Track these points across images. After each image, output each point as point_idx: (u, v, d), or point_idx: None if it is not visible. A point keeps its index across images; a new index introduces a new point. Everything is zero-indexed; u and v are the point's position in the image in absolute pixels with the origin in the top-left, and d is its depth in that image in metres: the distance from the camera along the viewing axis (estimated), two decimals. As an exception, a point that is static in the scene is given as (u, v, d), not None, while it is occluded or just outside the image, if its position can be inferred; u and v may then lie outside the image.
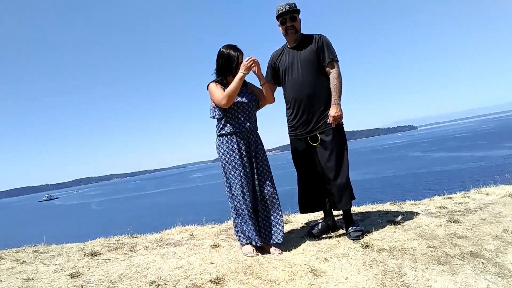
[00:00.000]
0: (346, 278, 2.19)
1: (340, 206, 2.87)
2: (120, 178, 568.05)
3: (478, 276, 2.11)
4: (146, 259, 2.73)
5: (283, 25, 2.91)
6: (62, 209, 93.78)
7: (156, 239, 3.35)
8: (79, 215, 66.90)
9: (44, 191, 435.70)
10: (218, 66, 2.79)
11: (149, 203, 66.96)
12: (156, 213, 46.69)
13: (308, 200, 3.04)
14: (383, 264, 2.33)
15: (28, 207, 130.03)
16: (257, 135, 2.89)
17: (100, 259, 2.78)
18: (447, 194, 4.26)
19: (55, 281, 2.35)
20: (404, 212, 3.38)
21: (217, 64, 2.79)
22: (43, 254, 3.00)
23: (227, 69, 2.74)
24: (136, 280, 2.31)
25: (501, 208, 3.30)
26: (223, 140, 2.76)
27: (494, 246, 2.47)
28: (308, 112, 2.88)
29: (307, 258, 2.54)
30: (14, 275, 2.50)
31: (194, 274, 2.37)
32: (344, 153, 2.88)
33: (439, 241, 2.60)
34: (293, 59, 2.92)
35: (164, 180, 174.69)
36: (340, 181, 2.83)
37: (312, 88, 2.85)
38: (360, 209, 3.85)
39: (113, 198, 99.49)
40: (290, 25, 2.88)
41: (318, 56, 2.86)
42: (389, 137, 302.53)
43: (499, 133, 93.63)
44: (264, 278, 2.26)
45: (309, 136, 2.91)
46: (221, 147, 2.77)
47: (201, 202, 50.27)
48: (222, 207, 35.41)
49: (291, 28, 2.89)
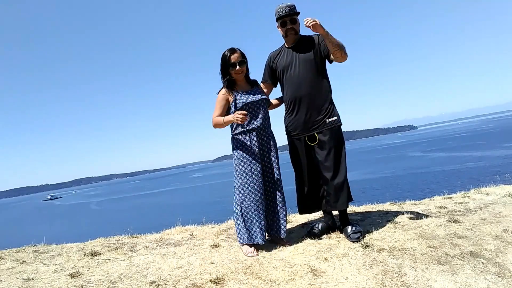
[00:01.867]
0: (346, 278, 2.19)
1: (337, 206, 2.87)
2: (120, 178, 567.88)
3: (478, 276, 2.11)
4: (146, 259, 2.73)
5: (283, 27, 2.91)
6: (62, 209, 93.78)
7: (156, 239, 3.35)
8: (79, 215, 66.90)
9: (44, 191, 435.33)
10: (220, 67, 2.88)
11: (149, 203, 66.96)
12: (156, 213, 46.69)
13: (307, 200, 3.04)
14: (383, 264, 2.33)
15: (31, 207, 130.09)
16: (271, 132, 2.95)
17: (100, 259, 2.78)
18: (447, 194, 4.26)
19: (55, 281, 2.35)
20: (404, 212, 3.38)
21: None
22: (43, 254, 3.00)
23: (224, 70, 2.83)
24: (136, 280, 2.31)
25: (501, 208, 3.31)
26: (237, 138, 2.85)
27: (494, 246, 2.47)
28: (306, 111, 2.87)
29: (307, 258, 2.54)
30: (14, 275, 2.50)
31: (194, 274, 2.37)
32: (342, 153, 2.87)
33: (439, 241, 2.60)
34: (292, 58, 2.92)
35: (164, 180, 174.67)
36: (337, 181, 2.82)
37: (311, 87, 2.85)
38: (360, 209, 3.85)
39: (113, 198, 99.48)
40: (290, 28, 2.88)
41: (319, 52, 2.86)
42: (390, 137, 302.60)
43: (499, 133, 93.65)
44: (264, 278, 2.26)
45: (307, 135, 2.92)
46: (235, 144, 2.86)
47: (201, 202, 50.28)
48: (222, 207, 35.39)
49: (291, 31, 2.89)
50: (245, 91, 2.84)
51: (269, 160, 2.90)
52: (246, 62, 2.83)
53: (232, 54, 2.77)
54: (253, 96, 2.82)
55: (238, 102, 2.77)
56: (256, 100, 2.81)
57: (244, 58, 2.82)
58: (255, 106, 2.82)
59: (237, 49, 2.80)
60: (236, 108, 2.78)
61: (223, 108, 2.83)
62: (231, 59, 2.76)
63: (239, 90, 2.84)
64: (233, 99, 2.80)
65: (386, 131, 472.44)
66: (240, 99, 2.78)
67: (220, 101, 2.83)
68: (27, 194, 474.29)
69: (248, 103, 2.78)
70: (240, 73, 2.81)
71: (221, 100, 2.82)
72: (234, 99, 2.79)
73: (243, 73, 2.83)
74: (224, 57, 2.78)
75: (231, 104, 2.82)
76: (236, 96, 2.80)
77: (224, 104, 2.83)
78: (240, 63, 2.77)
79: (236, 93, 2.81)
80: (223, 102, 2.83)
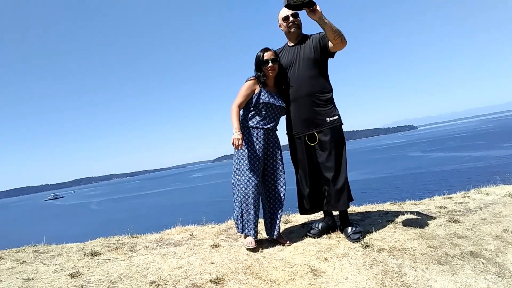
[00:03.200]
0: (346, 278, 2.19)
1: (338, 206, 2.87)
2: (120, 178, 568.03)
3: (478, 276, 2.11)
4: (146, 259, 2.73)
5: (286, 21, 2.90)
6: (62, 209, 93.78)
7: (156, 239, 3.35)
8: (79, 215, 66.90)
9: (44, 191, 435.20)
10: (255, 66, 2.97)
11: (149, 203, 66.97)
12: (156, 213, 46.70)
13: (307, 201, 3.03)
14: (383, 264, 2.33)
15: (34, 206, 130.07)
16: (275, 135, 3.05)
17: (100, 259, 2.78)
18: (447, 194, 4.27)
19: (55, 281, 2.35)
20: (404, 212, 3.38)
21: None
22: (43, 254, 3.00)
23: (258, 67, 2.91)
24: (136, 280, 2.31)
25: (501, 208, 3.31)
26: (248, 130, 2.91)
27: (494, 246, 2.48)
28: (306, 110, 2.88)
29: (307, 258, 2.54)
30: (14, 275, 2.50)
31: (194, 274, 2.37)
32: (343, 154, 2.87)
33: (439, 241, 2.60)
34: (294, 57, 2.92)
35: (164, 180, 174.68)
36: (338, 181, 2.82)
37: (312, 86, 2.86)
38: (360, 209, 3.85)
39: (113, 198, 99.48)
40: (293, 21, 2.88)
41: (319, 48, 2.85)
42: (390, 136, 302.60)
43: (499, 133, 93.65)
44: (264, 278, 2.26)
45: (307, 134, 2.92)
46: (245, 136, 2.90)
47: (201, 202, 50.28)
48: (222, 207, 35.33)
49: (293, 24, 2.89)
50: (271, 92, 2.93)
51: (272, 161, 2.97)
52: (278, 61, 2.93)
53: (265, 52, 2.89)
54: (276, 100, 2.92)
55: (261, 98, 2.87)
56: (277, 105, 2.92)
57: (276, 56, 2.92)
58: (274, 109, 2.94)
59: (270, 49, 2.93)
60: (257, 102, 2.88)
61: (246, 96, 2.89)
62: (265, 56, 2.87)
63: (267, 89, 2.93)
64: (258, 93, 2.89)
65: (386, 131, 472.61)
66: (264, 96, 2.88)
67: (247, 89, 2.89)
68: (27, 194, 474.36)
69: (269, 103, 2.88)
70: (272, 71, 2.89)
71: (248, 88, 2.89)
72: (259, 92, 2.89)
73: (275, 71, 2.91)
74: (258, 57, 2.89)
75: (254, 95, 2.90)
76: (261, 91, 2.89)
77: (249, 93, 2.89)
78: (273, 60, 2.87)
79: (263, 89, 2.90)
80: (249, 91, 2.89)
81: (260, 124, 2.90)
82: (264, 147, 2.92)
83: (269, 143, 2.96)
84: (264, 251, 2.76)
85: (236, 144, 2.76)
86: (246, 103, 2.92)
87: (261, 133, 2.90)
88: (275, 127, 3.01)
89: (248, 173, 2.83)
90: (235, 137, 2.76)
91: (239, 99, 2.87)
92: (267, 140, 2.94)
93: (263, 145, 2.90)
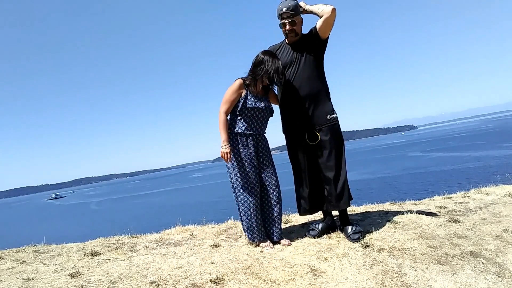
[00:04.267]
0: (346, 278, 2.19)
1: (339, 206, 2.87)
2: (120, 178, 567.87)
3: (478, 276, 2.11)
4: (146, 259, 2.73)
5: (284, 28, 2.89)
6: (62, 209, 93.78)
7: (156, 239, 3.35)
8: (79, 215, 66.89)
9: (44, 191, 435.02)
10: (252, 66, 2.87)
11: (149, 203, 66.92)
12: (156, 213, 46.68)
13: (307, 201, 3.02)
14: (383, 264, 2.33)
15: (34, 206, 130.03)
16: (265, 138, 3.01)
17: (100, 259, 2.78)
18: (447, 194, 4.27)
19: (55, 281, 2.35)
20: (404, 212, 3.38)
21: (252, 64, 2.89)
22: (43, 254, 3.00)
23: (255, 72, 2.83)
24: (136, 280, 2.31)
25: (501, 208, 3.31)
26: (235, 136, 2.86)
27: (494, 246, 2.48)
28: (306, 110, 2.88)
29: (307, 258, 2.54)
30: (14, 275, 2.50)
31: (194, 274, 2.37)
32: (342, 153, 2.88)
33: (439, 241, 2.60)
34: (292, 56, 2.91)
35: (164, 180, 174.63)
36: (339, 181, 2.83)
37: (312, 86, 2.86)
38: (360, 209, 3.85)
39: (113, 198, 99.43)
40: (290, 29, 2.85)
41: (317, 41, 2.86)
42: (390, 136, 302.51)
43: (499, 133, 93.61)
44: (264, 278, 2.26)
45: (307, 133, 2.92)
46: (232, 143, 2.85)
47: (201, 202, 50.26)
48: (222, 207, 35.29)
49: (291, 32, 2.87)
50: (258, 96, 2.89)
51: (264, 165, 2.95)
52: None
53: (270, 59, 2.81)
54: (262, 104, 2.88)
55: (247, 103, 2.82)
56: (263, 108, 2.88)
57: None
58: (261, 113, 2.90)
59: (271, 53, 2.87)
60: (244, 107, 2.83)
61: (233, 102, 2.83)
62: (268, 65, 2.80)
63: (253, 92, 2.87)
64: (244, 96, 2.84)
65: (386, 131, 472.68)
66: (250, 101, 2.83)
67: (232, 94, 2.81)
68: (27, 194, 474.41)
69: (255, 107, 2.84)
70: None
71: (235, 91, 2.82)
72: (245, 96, 2.84)
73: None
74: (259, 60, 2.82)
75: (240, 98, 2.85)
76: (247, 95, 2.84)
77: (235, 97, 2.83)
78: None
79: (249, 93, 2.85)
80: (235, 95, 2.82)
81: (248, 130, 2.86)
82: (255, 153, 2.89)
83: (259, 148, 2.93)
84: (264, 251, 2.76)
85: (225, 158, 2.77)
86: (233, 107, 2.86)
87: (250, 139, 2.86)
88: (264, 131, 2.98)
89: (245, 182, 2.83)
90: (223, 151, 2.76)
91: (225, 105, 2.81)
92: (256, 146, 2.91)
93: (253, 151, 2.87)
